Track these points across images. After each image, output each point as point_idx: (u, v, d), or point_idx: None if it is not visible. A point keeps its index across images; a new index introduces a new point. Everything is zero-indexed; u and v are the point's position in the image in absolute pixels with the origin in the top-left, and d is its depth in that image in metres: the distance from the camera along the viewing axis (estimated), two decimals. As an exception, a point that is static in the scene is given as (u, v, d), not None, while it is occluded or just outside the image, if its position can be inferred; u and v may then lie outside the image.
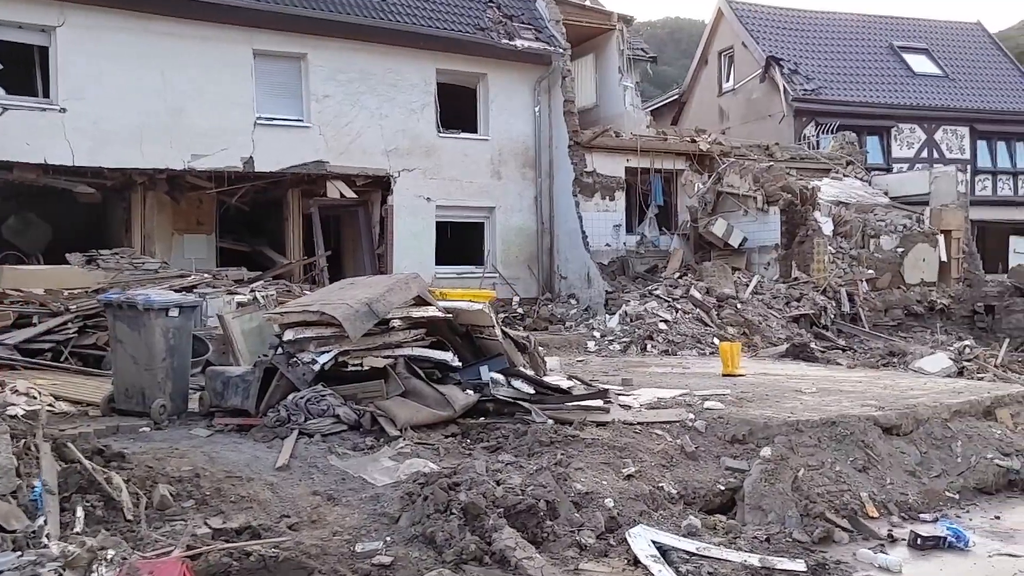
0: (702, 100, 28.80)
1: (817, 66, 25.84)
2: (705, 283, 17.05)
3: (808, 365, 12.65)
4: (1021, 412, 9.15)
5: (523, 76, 18.58)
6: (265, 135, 15.96)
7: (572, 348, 14.91)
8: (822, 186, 20.50)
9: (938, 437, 8.20)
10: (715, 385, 10.11)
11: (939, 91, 26.66)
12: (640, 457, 7.21)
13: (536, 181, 18.79)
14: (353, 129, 16.73)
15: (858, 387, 9.94)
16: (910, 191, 20.90)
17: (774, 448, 7.50)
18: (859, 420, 7.92)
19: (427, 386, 7.99)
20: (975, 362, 14.33)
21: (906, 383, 10.26)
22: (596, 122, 20.80)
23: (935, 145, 25.94)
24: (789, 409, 8.38)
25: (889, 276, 18.60)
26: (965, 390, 9.46)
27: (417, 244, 17.38)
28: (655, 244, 20.11)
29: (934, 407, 8.45)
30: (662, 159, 20.08)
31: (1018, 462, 8.15)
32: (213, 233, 17.24)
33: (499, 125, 18.43)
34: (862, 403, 8.63)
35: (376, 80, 17.00)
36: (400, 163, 17.21)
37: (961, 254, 19.60)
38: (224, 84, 15.65)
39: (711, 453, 7.58)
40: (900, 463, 7.76)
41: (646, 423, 7.97)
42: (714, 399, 8.80)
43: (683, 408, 8.45)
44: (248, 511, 6.03)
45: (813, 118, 24.32)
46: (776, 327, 16.14)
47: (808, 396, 9.21)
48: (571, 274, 18.20)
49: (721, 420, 7.95)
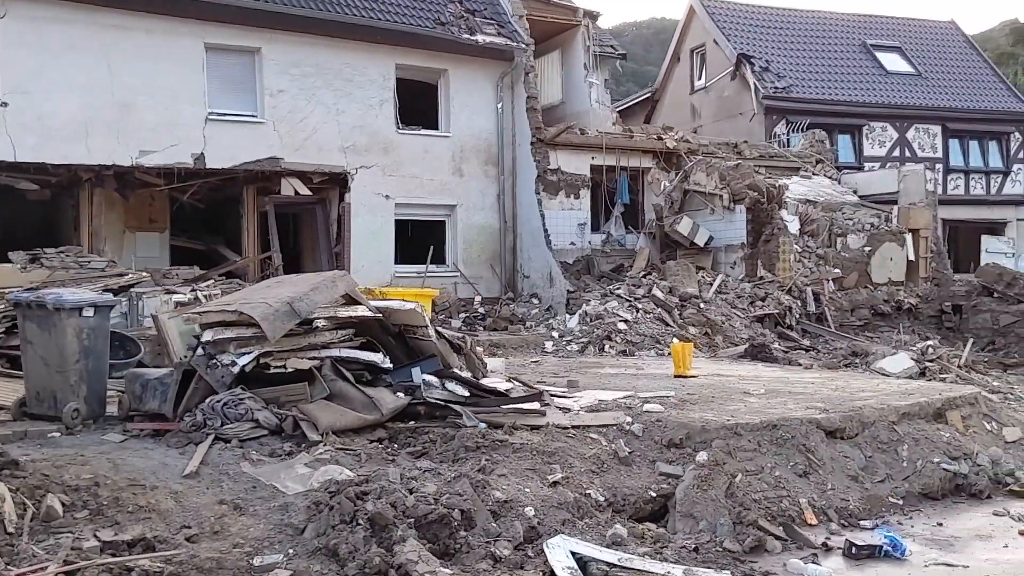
0: (674, 98, 28.54)
1: (789, 64, 25.62)
2: (668, 282, 16.77)
3: (765, 366, 12.38)
4: (972, 415, 8.90)
5: (485, 72, 18.25)
6: (217, 131, 15.59)
7: (529, 348, 14.60)
8: (790, 184, 20.27)
9: (884, 441, 7.93)
10: (664, 387, 9.81)
11: (911, 89, 26.49)
12: (570, 463, 6.91)
13: (499, 179, 18.47)
14: (309, 125, 16.37)
15: (809, 389, 9.67)
16: (879, 190, 20.69)
17: (711, 453, 7.21)
18: (801, 423, 7.64)
19: (354, 389, 7.67)
20: (938, 363, 14.09)
21: (858, 384, 10.00)
22: (562, 119, 20.51)
23: (907, 144, 25.76)
24: (732, 412, 8.10)
25: (856, 275, 18.38)
26: (917, 392, 9.20)
27: (376, 242, 17.03)
28: (621, 243, 19.82)
29: (881, 410, 8.18)
30: (628, 157, 19.80)
31: (966, 466, 7.90)
32: (166, 231, 16.84)
33: (461, 122, 18.10)
34: (808, 405, 8.35)
35: (333, 75, 16.64)
36: (358, 160, 16.85)
37: (929, 253, 19.40)
38: (174, 78, 15.27)
39: (646, 458, 7.29)
40: (843, 468, 7.48)
41: (582, 427, 7.67)
42: (656, 401, 8.51)
43: (622, 411, 8.14)
44: (146, 522, 5.69)
45: (784, 116, 24.10)
46: (739, 327, 15.88)
47: (755, 398, 8.93)
48: (534, 273, 17.89)
49: (659, 423, 7.65)
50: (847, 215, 19.30)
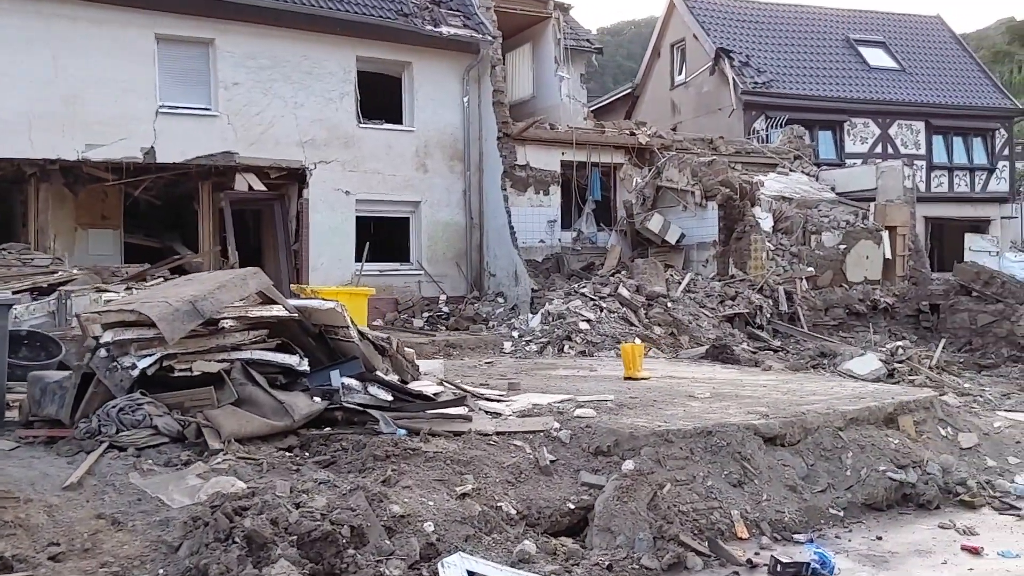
0: (655, 94, 28.07)
1: (769, 59, 25.15)
2: (635, 281, 16.31)
3: (723, 367, 11.94)
4: (927, 420, 8.46)
5: (451, 65, 17.79)
6: (169, 124, 15.12)
7: (488, 349, 14.16)
8: (766, 181, 19.84)
9: (828, 448, 7.49)
10: (609, 389, 9.38)
11: (895, 85, 26.03)
12: (485, 472, 6.47)
13: (465, 175, 18.01)
14: (265, 119, 15.90)
15: (758, 392, 9.22)
16: (857, 187, 20.22)
17: (638, 461, 6.79)
18: (738, 430, 7.20)
19: (264, 393, 7.20)
20: (908, 364, 13.67)
21: (813, 387, 9.55)
22: (533, 114, 20.06)
23: (889, 140, 25.30)
24: (669, 417, 7.66)
25: (831, 274, 17.93)
26: (870, 396, 8.75)
27: (335, 240, 16.56)
28: (592, 240, 19.38)
29: (826, 415, 7.74)
30: (600, 152, 19.36)
31: (914, 475, 7.46)
32: (120, 228, 16.35)
33: (425, 116, 17.63)
34: (750, 410, 7.91)
35: (290, 67, 16.17)
36: (316, 155, 16.39)
37: (907, 251, 18.96)
38: (123, 70, 14.79)
39: (571, 467, 6.85)
40: (781, 477, 7.05)
41: (507, 433, 7.24)
42: (591, 406, 8.07)
43: (553, 416, 7.70)
44: (10, 539, 5.23)
45: (763, 112, 23.62)
46: (707, 327, 15.44)
47: (698, 402, 8.49)
48: (500, 271, 17.43)
49: (588, 430, 7.21)
50: (823, 212, 18.85)
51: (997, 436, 8.61)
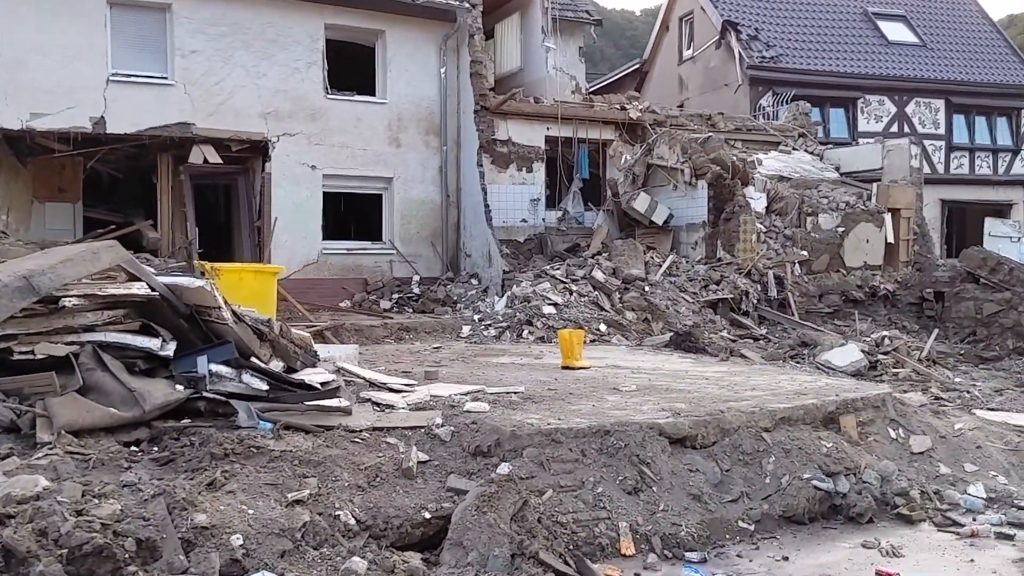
0: (663, 70, 27.00)
1: (780, 32, 23.96)
2: (613, 263, 15.42)
3: (681, 356, 11.05)
4: (876, 420, 7.55)
5: (427, 34, 16.92)
6: (121, 93, 14.44)
7: (445, 333, 13.38)
8: (765, 159, 18.82)
9: (747, 451, 6.62)
10: (533, 380, 8.57)
11: (914, 61, 24.71)
12: (335, 475, 5.69)
13: (441, 150, 17.16)
14: (224, 88, 15.17)
15: (696, 385, 8.35)
16: (863, 166, 19.10)
17: (518, 464, 6.00)
18: (639, 429, 6.35)
19: (114, 380, 6.46)
20: (893, 355, 12.69)
21: (760, 380, 8.65)
22: (521, 87, 19.12)
23: (906, 118, 24.02)
24: (574, 412, 6.84)
25: (827, 258, 16.88)
26: (813, 392, 7.83)
27: (300, 217, 15.82)
28: (579, 221, 18.47)
29: (750, 414, 6.86)
30: (588, 128, 18.41)
31: (846, 483, 6.59)
32: (79, 201, 15.73)
33: (399, 88, 16.79)
34: (667, 406, 7.05)
35: (252, 35, 15.40)
36: (280, 127, 15.63)
37: (911, 235, 17.82)
38: (72, 36, 14.13)
39: (444, 469, 6.06)
40: (685, 484, 6.21)
41: (382, 429, 6.47)
42: (493, 398, 7.27)
43: (443, 410, 6.91)
44: None
45: (771, 88, 22.47)
46: (686, 312, 14.52)
47: (618, 396, 7.65)
48: (475, 252, 16.60)
49: (473, 427, 6.40)
50: (823, 193, 17.77)
51: (957, 439, 7.67)
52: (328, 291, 15.86)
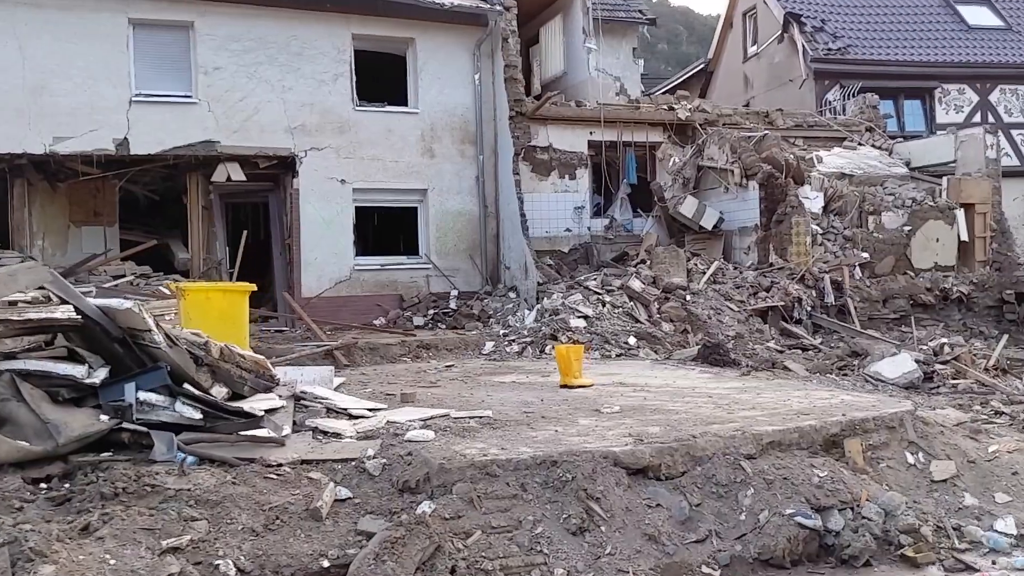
0: (728, 68, 25.86)
1: (848, 22, 22.60)
2: (653, 271, 14.55)
3: (701, 371, 10.12)
4: (890, 442, 6.59)
5: (459, 40, 16.36)
6: (144, 113, 14.30)
7: (467, 349, 12.73)
8: (826, 156, 17.63)
9: (722, 482, 5.79)
10: (515, 401, 7.86)
11: (998, 45, 22.98)
12: (231, 517, 5.11)
13: (478, 159, 16.55)
14: (249, 104, 14.90)
15: (692, 404, 7.49)
16: (934, 159, 17.70)
17: (445, 502, 5.30)
18: (592, 459, 5.59)
19: (29, 412, 6.02)
20: (953, 365, 11.49)
21: (766, 399, 7.73)
22: (566, 91, 18.45)
23: (990, 107, 22.32)
24: (529, 439, 6.10)
25: (892, 260, 15.60)
26: (815, 412, 6.89)
27: (330, 233, 15.41)
28: (627, 228, 17.60)
29: (729, 439, 6.01)
30: (634, 131, 17.56)
31: (840, 519, 5.68)
32: (116, 224, 15.68)
33: (431, 96, 16.26)
34: (637, 430, 6.24)
35: (277, 49, 15.10)
36: (307, 141, 15.28)
37: (989, 232, 16.36)
38: (94, 58, 14.05)
39: (364, 508, 5.41)
40: (641, 522, 5.42)
41: (311, 461, 5.86)
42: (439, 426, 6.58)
43: (387, 438, 6.26)
44: None
45: (837, 81, 21.14)
46: (730, 322, 13.55)
47: (592, 419, 6.88)
48: (513, 264, 15.92)
49: (407, 459, 5.74)
50: (889, 190, 16.48)
51: (989, 464, 6.63)
52: (361, 308, 15.41)
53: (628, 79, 21.52)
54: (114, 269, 14.30)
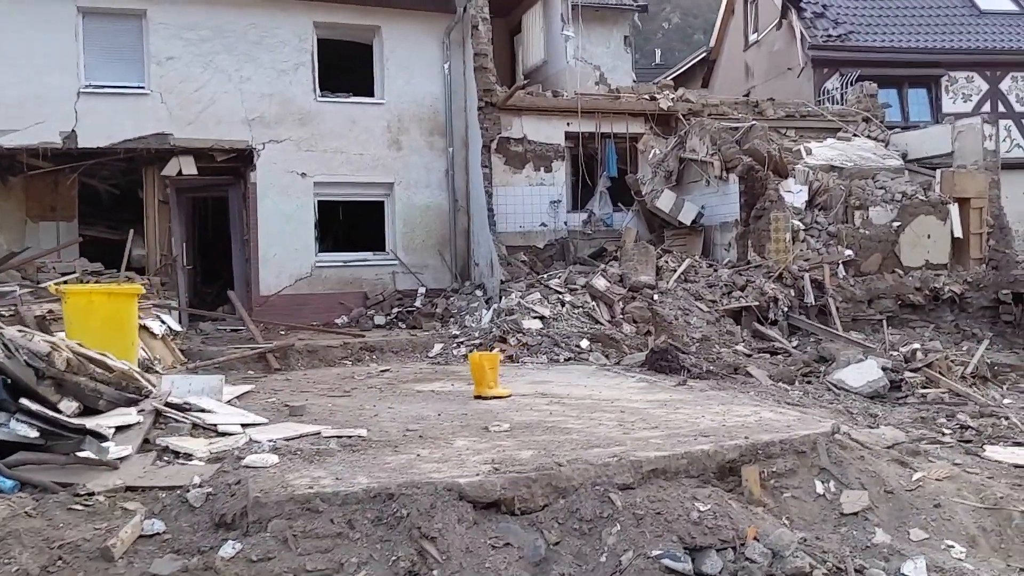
0: (729, 57, 24.99)
1: (852, 7, 21.65)
2: (620, 269, 13.86)
3: (638, 380, 9.42)
4: (798, 469, 5.89)
5: (427, 27, 15.74)
6: (94, 105, 13.85)
7: (415, 352, 12.13)
8: (817, 148, 16.78)
9: (587, 517, 5.13)
10: (408, 416, 7.24)
11: (1011, 31, 21.90)
12: (8, 556, 4.59)
13: (447, 151, 15.93)
14: (205, 95, 14.39)
15: (598, 420, 6.84)
16: (931, 151, 16.79)
17: (256, 541, 4.70)
18: (434, 491, 4.96)
19: None
20: (925, 372, 10.70)
21: (682, 415, 7.04)
22: (546, 80, 17.78)
23: (1000, 96, 21.29)
24: (383, 466, 5.49)
25: (879, 257, 14.77)
26: (715, 433, 6.22)
27: (291, 228, 14.89)
28: (607, 223, 16.90)
29: (602, 467, 5.35)
30: (614, 121, 16.84)
31: (717, 562, 4.99)
32: (74, 219, 15.25)
33: (398, 86, 15.66)
34: (504, 455, 5.60)
35: (235, 37, 14.58)
36: (266, 133, 14.74)
37: (985, 228, 15.46)
38: (41, 47, 13.62)
39: (173, 545, 4.81)
40: (481, 565, 4.80)
41: (137, 489, 5.32)
42: (292, 446, 6.00)
43: (229, 461, 5.69)
44: None
45: (837, 69, 20.24)
46: (698, 323, 12.83)
47: (467, 440, 6.25)
48: (482, 260, 15.29)
49: (235, 488, 5.16)
50: (880, 183, 15.62)
51: (910, 495, 5.90)
52: (323, 307, 14.89)
53: (619, 68, 20.82)
54: (64, 266, 13.85)
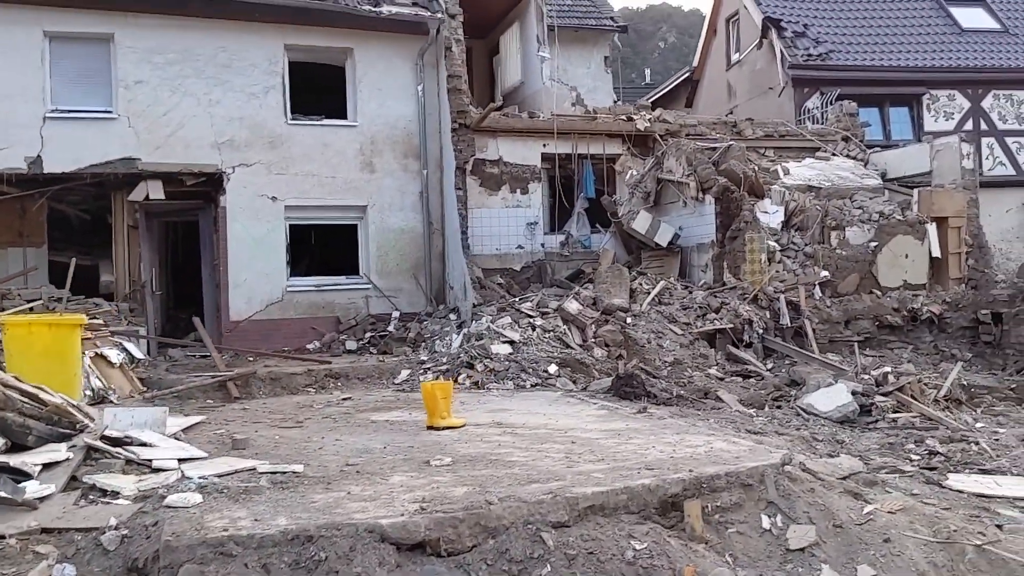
0: (712, 76, 24.93)
1: (833, 26, 21.60)
2: (593, 291, 13.69)
3: (599, 408, 9.21)
4: (745, 503, 5.70)
5: (400, 49, 15.61)
6: (60, 130, 13.70)
7: (381, 379, 11.95)
8: (795, 168, 16.69)
9: (517, 558, 4.95)
10: (355, 449, 7.04)
11: (992, 49, 21.85)
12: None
13: (422, 173, 15.78)
14: (173, 119, 14.25)
15: (544, 451, 6.66)
16: (911, 170, 16.70)
17: (166, 587, 4.49)
18: (354, 532, 4.77)
19: None
20: (896, 396, 10.51)
21: (632, 446, 6.85)
22: (522, 101, 17.68)
23: (983, 114, 21.20)
24: (310, 505, 5.29)
25: (856, 278, 14.62)
26: (678, 463, 6.04)
27: (261, 252, 14.72)
28: (585, 244, 16.75)
29: (535, 504, 5.17)
30: (590, 142, 16.73)
31: (648, 606, 4.79)
32: (43, 245, 15.07)
33: (371, 109, 15.53)
34: (437, 492, 5.41)
35: (204, 61, 14.45)
36: (236, 157, 14.60)
37: (964, 248, 15.32)
38: (7, 72, 13.49)
39: (80, 593, 4.62)
40: (402, 612, 4.57)
41: (52, 531, 5.12)
42: (223, 482, 5.80)
43: (151, 502, 5.48)
44: None
45: (817, 88, 20.16)
46: (671, 346, 12.65)
47: (404, 476, 6.05)
48: (457, 283, 15.12)
49: (149, 530, 4.95)
50: (858, 203, 15.51)
51: (859, 529, 5.70)
52: (295, 332, 14.71)
53: (600, 88, 20.78)
54: (30, 292, 13.67)
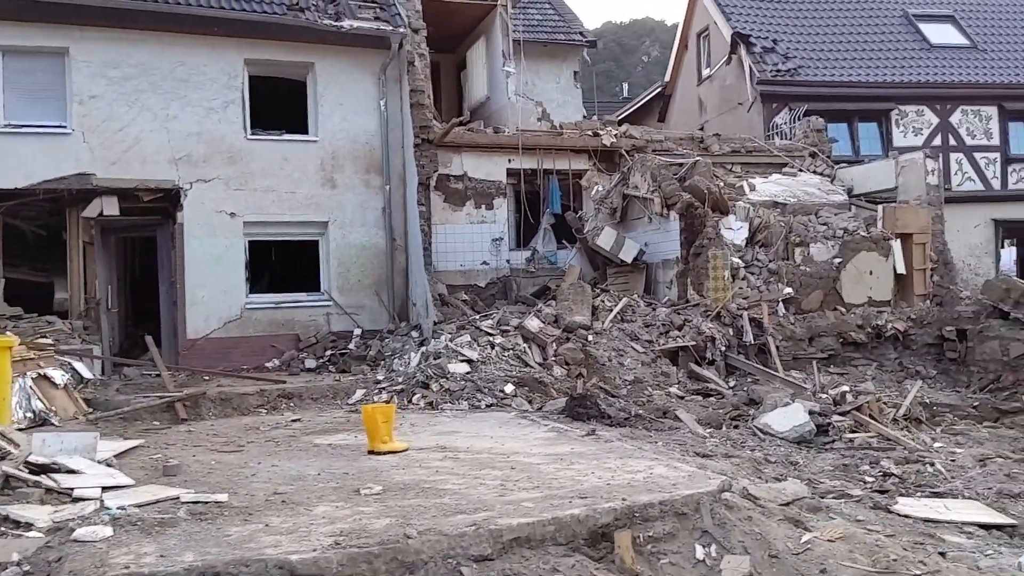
0: (684, 91, 24.90)
1: (802, 42, 21.59)
2: (555, 309, 13.53)
3: (549, 430, 9.03)
4: (678, 533, 5.54)
5: (362, 64, 15.45)
6: (12, 145, 13.47)
7: (336, 399, 11.73)
8: (761, 184, 16.59)
9: (433, 596, 4.74)
10: (290, 475, 6.84)
11: (960, 65, 21.89)
12: None
13: (384, 189, 15.60)
14: (129, 134, 14.03)
15: (480, 478, 6.48)
16: (876, 186, 16.65)
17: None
18: (263, 569, 4.57)
19: None
20: (854, 416, 10.38)
21: (571, 472, 6.68)
22: (488, 116, 17.56)
23: (951, 129, 21.20)
24: (222, 539, 5.08)
25: (820, 295, 14.53)
26: (613, 490, 5.87)
27: (219, 269, 14.49)
28: (551, 260, 16.60)
29: (456, 537, 4.98)
30: (555, 158, 16.60)
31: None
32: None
33: (333, 124, 15.36)
34: (360, 524, 5.22)
35: (160, 75, 14.25)
36: (193, 172, 14.38)
37: (929, 264, 15.26)
38: (-44, 87, 13.27)
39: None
40: (304, 654, 4.37)
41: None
42: (142, 512, 5.59)
43: (52, 537, 5.27)
44: None
45: (786, 104, 20.13)
46: (632, 364, 12.51)
47: (333, 506, 5.85)
48: (419, 300, 14.93)
49: (51, 567, 4.75)
50: (823, 219, 15.44)
51: (796, 559, 5.55)
52: (254, 350, 14.49)
53: (570, 103, 20.73)
54: (-16, 311, 13.40)
